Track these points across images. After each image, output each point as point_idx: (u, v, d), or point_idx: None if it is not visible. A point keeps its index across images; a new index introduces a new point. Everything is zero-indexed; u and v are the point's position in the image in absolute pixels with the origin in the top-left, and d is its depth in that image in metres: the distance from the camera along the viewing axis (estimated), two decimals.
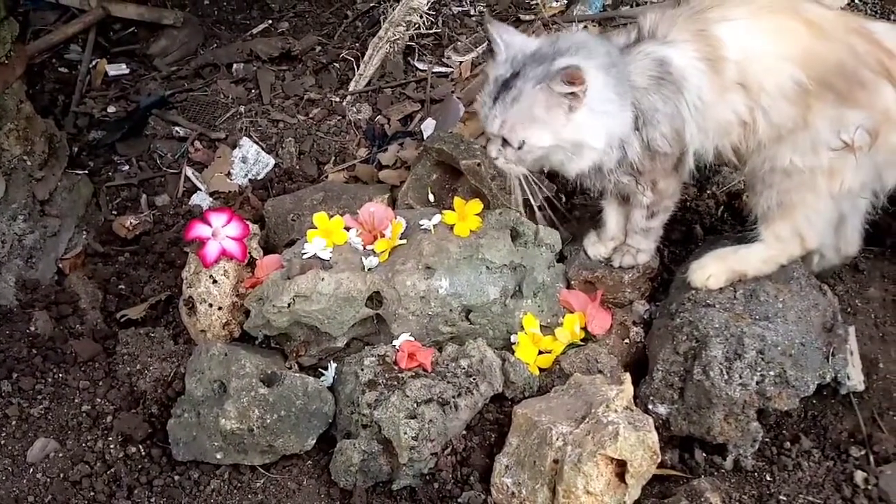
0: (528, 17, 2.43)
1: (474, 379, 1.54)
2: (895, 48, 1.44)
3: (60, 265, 1.98)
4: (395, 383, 1.52)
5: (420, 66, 2.38)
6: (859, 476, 1.48)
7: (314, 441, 1.54)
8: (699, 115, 1.46)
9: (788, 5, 1.45)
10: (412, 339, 1.60)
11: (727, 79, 1.43)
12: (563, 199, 1.92)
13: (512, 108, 1.42)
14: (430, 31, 2.42)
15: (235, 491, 1.53)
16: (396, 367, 1.55)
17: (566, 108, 1.41)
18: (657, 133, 1.48)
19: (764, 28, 1.43)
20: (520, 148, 1.45)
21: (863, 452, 1.52)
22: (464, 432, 1.53)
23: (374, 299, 1.62)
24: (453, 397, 1.51)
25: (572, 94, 1.39)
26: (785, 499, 1.47)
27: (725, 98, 1.44)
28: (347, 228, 1.70)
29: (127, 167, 2.26)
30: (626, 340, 1.66)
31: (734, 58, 1.42)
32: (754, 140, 1.47)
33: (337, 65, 2.44)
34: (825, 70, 1.41)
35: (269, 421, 1.50)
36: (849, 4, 2.29)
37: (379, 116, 2.27)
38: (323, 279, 1.59)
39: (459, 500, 1.45)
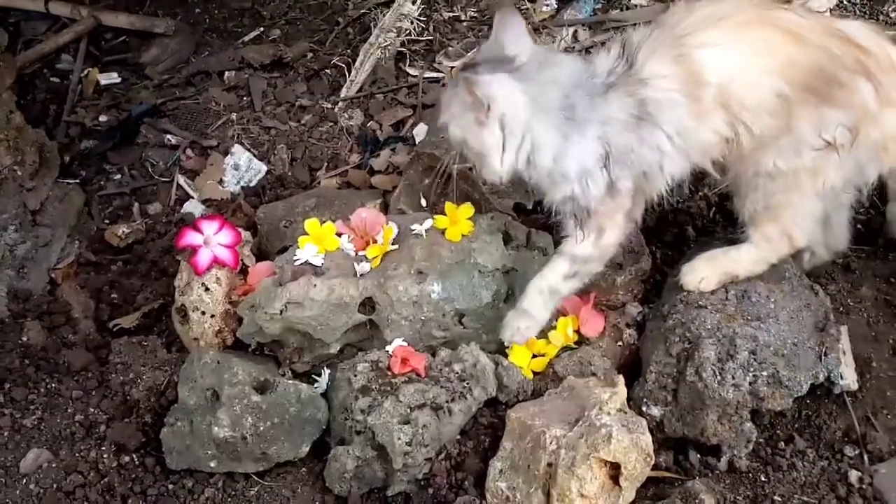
0: None
1: (468, 383, 1.54)
2: (869, 45, 1.45)
3: (52, 275, 1.98)
4: (389, 389, 1.52)
5: (411, 71, 2.38)
6: (854, 475, 1.49)
7: (308, 448, 1.54)
8: (681, 140, 1.45)
9: (765, 17, 1.45)
10: (405, 344, 1.60)
11: (707, 103, 1.42)
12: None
13: (449, 90, 1.47)
14: (422, 37, 2.42)
15: (230, 499, 1.52)
16: (390, 373, 1.55)
17: (474, 118, 1.42)
18: (626, 173, 1.46)
19: (743, 44, 1.42)
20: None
21: (857, 452, 1.53)
22: (458, 437, 1.53)
23: (367, 305, 1.62)
24: (447, 402, 1.51)
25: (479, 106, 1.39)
26: (780, 499, 1.47)
27: (706, 121, 1.44)
28: (339, 234, 1.70)
29: (119, 176, 2.25)
30: (620, 343, 1.66)
31: (715, 81, 1.41)
32: (737, 151, 1.46)
33: (328, 71, 2.44)
34: (805, 76, 1.41)
35: (262, 428, 1.49)
36: (837, 6, 2.30)
37: (371, 122, 2.28)
38: (315, 285, 1.59)
39: None
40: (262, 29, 2.62)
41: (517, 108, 1.42)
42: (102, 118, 2.40)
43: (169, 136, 2.32)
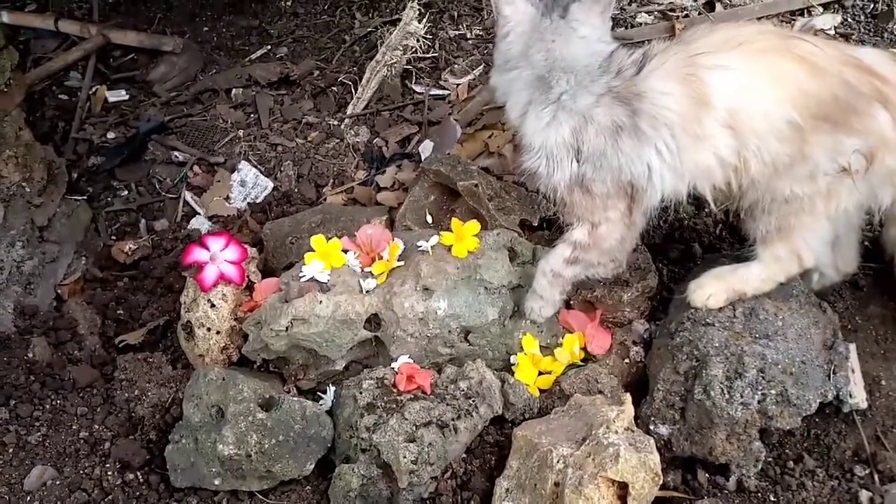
0: None
1: (474, 401, 1.53)
2: (886, 73, 1.45)
3: (59, 291, 1.98)
4: (394, 406, 1.51)
5: (417, 88, 2.39)
6: (864, 495, 1.47)
7: (313, 466, 1.53)
8: (672, 159, 1.44)
9: (781, 44, 1.44)
10: (411, 361, 1.59)
11: (708, 125, 1.42)
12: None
13: None
14: (427, 55, 2.43)
15: None
16: (395, 390, 1.54)
17: None
18: (596, 176, 1.46)
19: (757, 71, 1.42)
20: None
21: (867, 471, 1.51)
22: (464, 455, 1.52)
23: (373, 321, 1.62)
24: (453, 420, 1.50)
25: None
26: None
27: (705, 142, 1.43)
28: (345, 251, 1.70)
29: (126, 192, 2.27)
30: (627, 360, 1.65)
31: (721, 104, 1.40)
32: (746, 178, 1.46)
33: (335, 89, 2.45)
34: (820, 105, 1.41)
35: (267, 446, 1.49)
36: (842, 23, 2.31)
37: (377, 139, 2.28)
38: (321, 302, 1.58)
39: None
40: (269, 47, 2.64)
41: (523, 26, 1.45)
42: (110, 135, 2.42)
43: (176, 153, 2.33)
